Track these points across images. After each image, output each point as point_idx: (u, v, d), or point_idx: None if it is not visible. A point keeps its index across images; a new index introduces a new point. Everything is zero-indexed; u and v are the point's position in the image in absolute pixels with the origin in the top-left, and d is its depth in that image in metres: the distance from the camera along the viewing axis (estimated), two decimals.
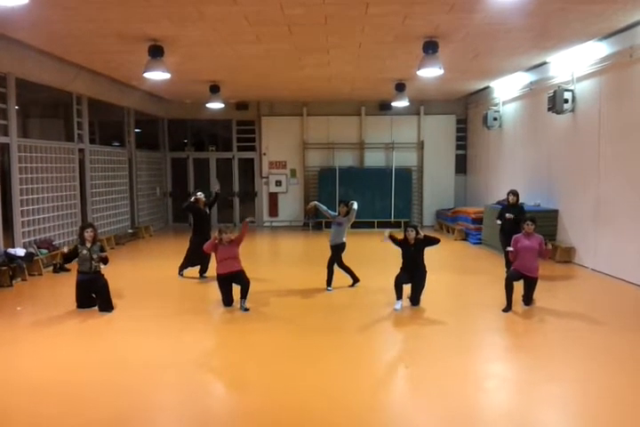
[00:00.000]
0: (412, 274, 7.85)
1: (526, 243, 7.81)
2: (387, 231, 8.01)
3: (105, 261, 7.94)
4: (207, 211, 10.23)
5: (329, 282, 9.11)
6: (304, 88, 15.02)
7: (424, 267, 7.91)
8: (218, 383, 5.60)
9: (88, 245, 7.77)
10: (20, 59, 9.94)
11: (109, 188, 14.09)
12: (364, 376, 5.45)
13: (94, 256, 7.75)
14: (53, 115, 12.96)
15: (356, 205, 9.17)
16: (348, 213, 9.16)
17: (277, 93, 16.16)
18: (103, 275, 7.87)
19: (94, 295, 7.79)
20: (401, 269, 7.91)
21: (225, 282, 7.98)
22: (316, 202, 9.78)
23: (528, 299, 7.88)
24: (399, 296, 7.77)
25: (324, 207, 9.49)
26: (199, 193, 10.19)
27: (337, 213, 9.30)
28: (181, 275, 10.00)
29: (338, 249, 9.16)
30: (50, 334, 6.80)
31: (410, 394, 5.23)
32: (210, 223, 10.36)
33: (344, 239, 9.19)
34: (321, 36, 9.29)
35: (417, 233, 7.80)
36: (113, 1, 7.32)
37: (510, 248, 8.11)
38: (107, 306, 7.70)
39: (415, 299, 7.95)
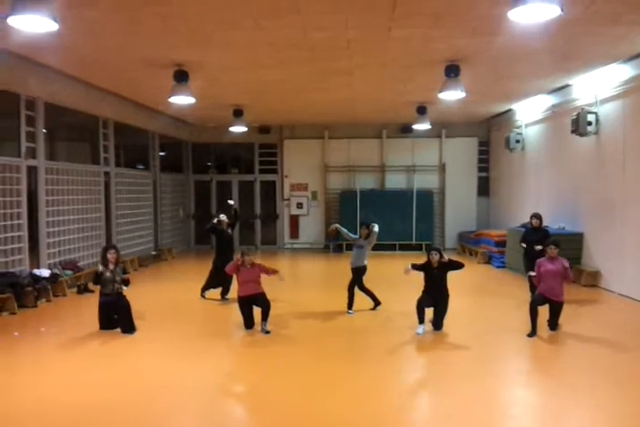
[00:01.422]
0: (435, 298, 7.75)
1: (550, 267, 7.69)
2: (408, 265, 7.91)
3: (127, 282, 8.00)
4: (230, 232, 10.28)
5: (350, 305, 9.03)
6: (326, 111, 15.15)
7: (447, 290, 7.81)
8: (237, 407, 5.55)
9: (111, 266, 7.84)
10: (48, 83, 10.21)
11: (134, 210, 14.26)
12: (385, 402, 5.36)
13: (117, 278, 7.81)
14: (80, 138, 13.23)
15: (377, 228, 9.14)
16: (368, 236, 9.13)
17: (299, 117, 16.33)
18: (125, 296, 7.91)
19: (116, 317, 7.82)
20: (423, 292, 7.82)
21: (246, 304, 7.96)
22: (337, 225, 9.78)
23: (553, 324, 7.72)
24: (421, 320, 7.67)
25: (345, 230, 9.49)
26: (222, 215, 10.26)
27: (358, 236, 9.27)
28: (203, 296, 10.01)
29: (359, 272, 9.12)
30: (72, 356, 6.82)
31: (433, 421, 5.12)
32: (232, 245, 10.39)
33: (365, 262, 9.15)
34: (343, 59, 9.40)
35: (441, 256, 7.72)
36: (140, 28, 7.53)
37: (533, 273, 7.98)
38: (129, 328, 7.72)
39: (438, 323, 7.83)
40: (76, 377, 6.05)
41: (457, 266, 7.83)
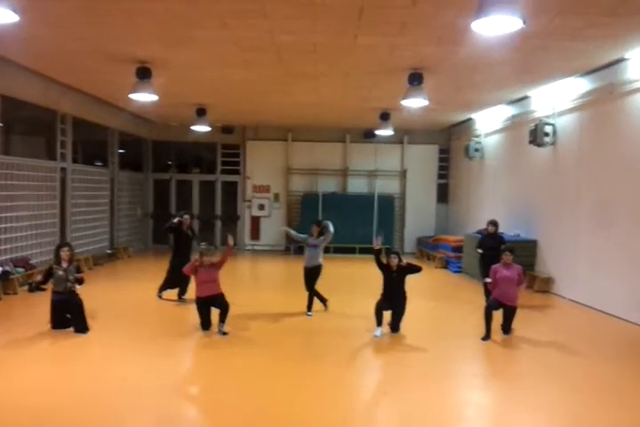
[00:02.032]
0: (393, 301, 7.84)
1: (505, 273, 7.88)
2: (380, 238, 8.07)
3: (80, 281, 7.82)
4: (189, 233, 10.18)
5: (309, 307, 9.06)
6: (290, 114, 15.16)
7: (405, 294, 7.91)
8: (193, 409, 5.48)
9: (64, 264, 7.67)
10: (5, 75, 9.91)
11: (90, 207, 13.96)
12: (342, 403, 5.39)
13: (70, 277, 7.65)
14: (37, 133, 12.89)
15: (331, 227, 9.17)
16: (321, 234, 9.13)
17: (263, 118, 16.29)
18: (78, 295, 7.73)
19: (69, 316, 7.64)
20: (382, 295, 7.90)
21: (204, 305, 7.88)
22: (285, 228, 9.81)
23: (507, 328, 7.90)
24: (379, 323, 7.74)
25: (294, 232, 9.59)
26: (186, 216, 10.15)
27: (307, 236, 9.29)
28: (160, 297, 9.87)
29: (314, 271, 9.10)
30: (21, 356, 6.62)
31: (388, 422, 5.17)
32: (191, 246, 10.26)
33: (320, 261, 9.14)
34: (310, 63, 9.43)
35: (399, 260, 7.82)
36: (103, 21, 7.38)
37: (489, 279, 8.16)
38: (82, 327, 7.55)
39: (395, 326, 7.92)
40: (25, 379, 5.87)
41: (415, 270, 7.94)
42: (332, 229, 9.16)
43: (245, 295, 10.23)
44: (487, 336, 7.66)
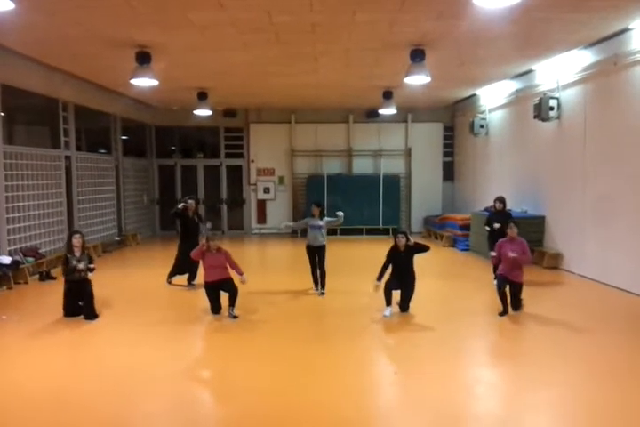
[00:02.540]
0: (402, 280, 7.85)
1: (510, 250, 7.85)
2: (375, 282, 7.82)
3: (92, 269, 7.91)
4: (196, 218, 10.18)
5: (322, 285, 9.23)
6: (292, 95, 15.05)
7: (413, 273, 7.92)
8: (205, 392, 5.54)
9: (77, 252, 7.76)
10: (5, 64, 9.86)
11: (96, 195, 13.99)
12: (353, 383, 5.43)
13: (82, 266, 7.73)
14: (39, 122, 12.87)
15: (341, 213, 9.35)
16: (322, 214, 9.30)
17: (265, 100, 16.18)
18: (90, 282, 7.81)
19: (81, 303, 7.72)
20: (390, 275, 7.91)
21: (213, 289, 7.93)
22: (284, 223, 10.07)
23: (516, 304, 7.90)
24: (388, 302, 7.76)
25: (292, 224, 9.93)
26: (190, 200, 10.15)
27: (309, 217, 9.44)
28: (170, 282, 9.92)
29: (320, 251, 9.24)
30: (36, 344, 6.70)
31: (399, 400, 5.21)
32: (198, 231, 10.25)
33: (323, 241, 9.29)
34: (309, 43, 9.32)
35: (407, 239, 7.81)
36: (99, 6, 7.30)
37: (494, 253, 8.13)
38: (91, 314, 7.64)
39: (404, 305, 7.94)
40: (40, 365, 5.95)
41: (423, 249, 7.93)
42: (341, 214, 9.35)
43: (254, 278, 10.24)
44: (505, 311, 7.69)
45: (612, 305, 8.56)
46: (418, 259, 7.99)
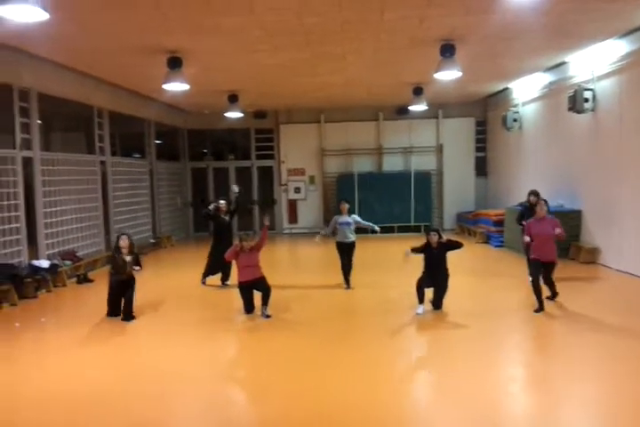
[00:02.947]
0: (435, 278, 7.78)
1: (540, 228, 7.66)
2: (407, 249, 7.88)
3: (139, 264, 8.06)
4: (228, 219, 10.25)
5: (346, 280, 9.39)
6: (321, 95, 15.05)
7: (447, 270, 7.84)
8: (241, 393, 5.58)
9: (124, 254, 7.89)
10: (40, 73, 10.12)
11: (131, 198, 14.24)
12: (387, 382, 5.40)
13: (128, 269, 7.86)
14: (75, 128, 13.16)
15: (377, 228, 9.71)
16: (350, 211, 9.59)
17: (295, 101, 16.23)
18: (135, 280, 7.94)
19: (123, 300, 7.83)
20: (423, 272, 7.85)
21: (246, 289, 8.00)
22: (318, 237, 9.79)
23: (550, 283, 7.70)
24: (421, 300, 7.71)
25: (323, 231, 9.95)
26: (221, 202, 10.23)
27: (337, 216, 9.60)
28: (204, 283, 10.03)
29: (350, 247, 9.43)
30: (74, 345, 6.84)
31: (433, 399, 5.16)
32: (231, 231, 10.32)
33: (353, 238, 9.50)
34: (337, 43, 9.31)
35: (439, 237, 7.74)
36: (131, 14, 7.44)
37: (527, 238, 7.86)
38: (129, 315, 7.77)
39: (437, 303, 7.87)
40: (77, 367, 6.08)
41: (456, 246, 7.85)
42: (374, 227, 9.65)
43: (286, 278, 10.30)
44: (540, 308, 7.54)
45: None
46: (450, 256, 7.90)
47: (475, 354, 6.15)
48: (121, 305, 7.84)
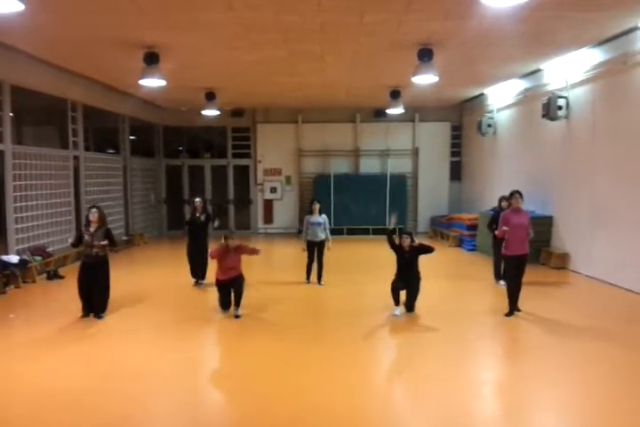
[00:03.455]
0: (407, 280, 7.84)
1: (517, 220, 7.72)
2: (395, 216, 8.27)
3: (113, 243, 7.79)
4: (202, 219, 9.97)
5: (318, 277, 9.60)
6: (299, 95, 15.05)
7: (418, 273, 7.91)
8: (215, 392, 5.53)
9: (92, 228, 7.55)
10: (14, 65, 9.93)
11: (104, 194, 14.05)
12: (360, 384, 5.42)
13: (95, 242, 7.51)
14: (48, 122, 12.94)
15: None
16: (321, 211, 9.72)
17: (273, 100, 16.20)
18: (107, 263, 7.69)
19: (92, 289, 7.56)
20: (395, 275, 7.91)
21: (224, 287, 7.90)
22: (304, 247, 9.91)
23: (519, 284, 7.75)
24: (397, 302, 7.76)
25: (303, 235, 9.92)
26: (197, 199, 10.13)
27: (308, 215, 9.81)
28: (198, 283, 9.82)
29: (320, 245, 9.64)
30: (44, 342, 6.73)
31: (405, 401, 5.20)
32: (205, 231, 10.06)
33: (323, 236, 9.70)
34: (316, 43, 9.32)
35: (412, 240, 7.81)
36: (107, 7, 7.33)
37: (505, 228, 7.86)
38: (101, 306, 7.59)
39: (410, 305, 7.93)
40: (47, 364, 5.98)
41: (427, 250, 7.91)
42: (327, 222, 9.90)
43: (262, 277, 10.27)
44: (511, 312, 7.66)
45: (619, 306, 8.50)
46: (424, 259, 7.98)
47: (446, 357, 6.20)
48: (90, 292, 7.53)
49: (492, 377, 5.79)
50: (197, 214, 10.02)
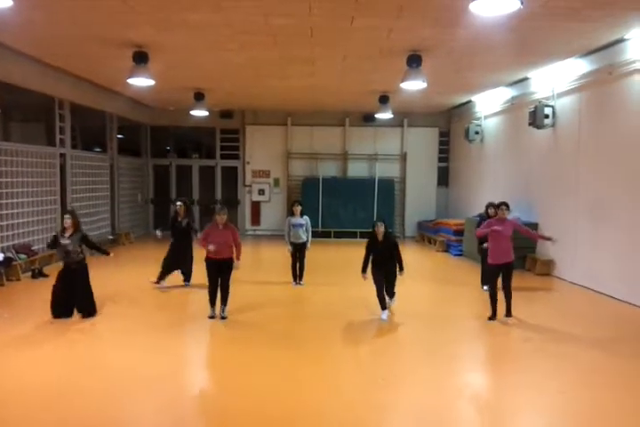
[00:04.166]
0: (384, 267, 7.82)
1: (500, 228, 7.75)
2: (362, 274, 7.92)
3: (97, 249, 7.79)
4: (184, 224, 9.78)
5: (300, 277, 9.93)
6: (288, 98, 15.08)
7: (394, 260, 7.87)
8: (193, 394, 5.54)
9: (68, 233, 7.47)
10: (2, 61, 9.86)
11: (90, 193, 13.98)
12: (341, 387, 5.45)
13: (70, 248, 7.44)
14: (35, 119, 12.86)
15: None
16: (302, 213, 9.83)
17: (262, 102, 16.21)
18: (86, 269, 7.61)
19: (74, 293, 7.50)
20: (372, 264, 7.86)
21: (213, 267, 7.64)
22: (287, 242, 9.96)
23: (509, 292, 7.82)
24: (383, 307, 7.79)
25: (287, 238, 9.92)
26: (178, 203, 10.04)
27: (289, 217, 9.94)
28: (158, 283, 9.73)
29: (302, 247, 9.78)
30: (26, 342, 6.68)
31: (385, 407, 5.22)
32: (188, 236, 9.87)
33: (305, 238, 9.82)
34: (306, 46, 9.36)
35: (386, 228, 7.82)
36: (97, 5, 7.32)
37: (498, 227, 7.81)
38: (88, 309, 7.54)
39: (390, 290, 7.94)
40: (28, 364, 5.94)
41: (399, 257, 7.84)
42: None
43: (249, 279, 10.26)
44: (494, 316, 7.73)
45: (601, 312, 8.60)
46: (411, 262, 8.01)
47: (428, 361, 6.24)
48: (68, 306, 7.48)
49: (473, 382, 5.84)
50: (179, 219, 9.82)
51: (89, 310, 7.59)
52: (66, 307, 7.55)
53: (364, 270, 7.87)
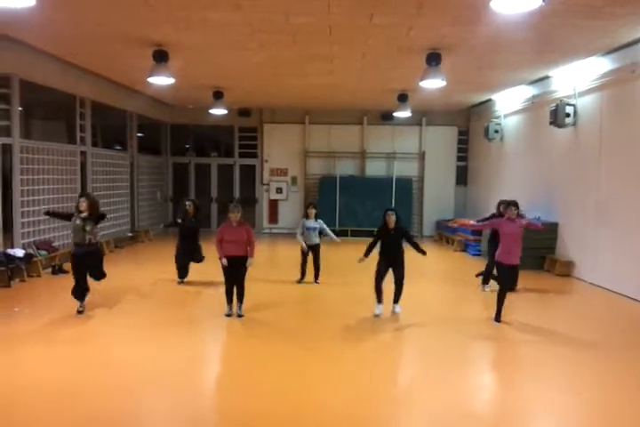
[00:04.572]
0: (392, 259, 7.76)
1: (510, 228, 7.70)
2: (360, 257, 7.89)
3: (102, 217, 7.82)
4: (192, 221, 9.87)
5: (315, 277, 9.94)
6: (306, 96, 15.08)
7: (403, 251, 7.80)
8: (211, 389, 5.57)
9: (84, 214, 7.53)
10: (24, 60, 10.00)
11: (110, 191, 14.12)
12: (352, 384, 5.44)
13: (87, 228, 7.46)
14: (56, 117, 13.02)
15: (338, 239, 10.12)
16: (317, 216, 9.86)
17: (280, 101, 16.24)
18: (100, 248, 7.80)
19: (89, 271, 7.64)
20: (378, 262, 7.81)
21: (230, 264, 7.60)
22: (303, 245, 9.93)
23: (513, 286, 7.71)
24: (379, 300, 7.74)
25: (302, 238, 9.90)
26: (187, 202, 10.09)
27: (303, 219, 10.00)
28: (182, 282, 9.88)
29: (316, 249, 9.83)
30: (45, 337, 6.78)
31: (391, 408, 5.20)
32: (196, 235, 9.98)
33: (318, 240, 9.90)
34: (325, 45, 9.34)
35: (397, 218, 7.76)
36: (118, 4, 7.38)
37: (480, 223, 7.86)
38: (99, 274, 7.71)
39: (398, 286, 7.84)
40: (46, 358, 6.02)
41: (416, 246, 7.77)
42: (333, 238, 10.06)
43: (264, 277, 10.29)
44: (498, 317, 7.63)
45: (618, 314, 8.49)
46: (428, 263, 7.93)
47: (440, 360, 6.20)
48: (86, 281, 7.61)
49: (482, 383, 5.83)
50: (189, 217, 9.88)
51: (98, 275, 7.76)
52: (82, 284, 7.62)
53: (366, 254, 7.82)
